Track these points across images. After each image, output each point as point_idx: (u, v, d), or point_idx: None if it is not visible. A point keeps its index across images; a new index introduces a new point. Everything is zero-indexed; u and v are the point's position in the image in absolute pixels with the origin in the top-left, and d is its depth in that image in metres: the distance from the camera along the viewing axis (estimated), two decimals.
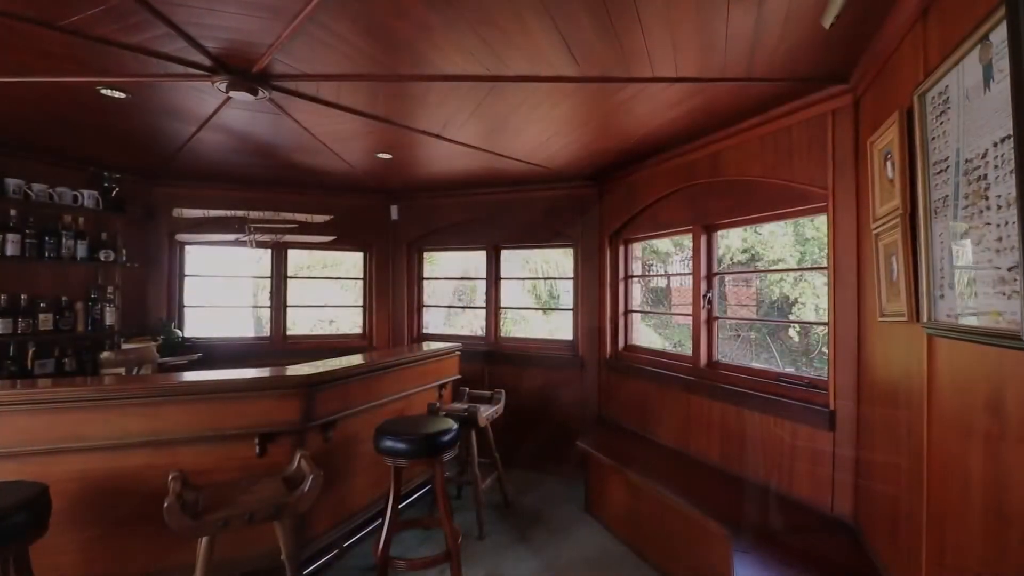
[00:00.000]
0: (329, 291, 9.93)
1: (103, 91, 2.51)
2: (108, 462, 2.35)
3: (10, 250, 3.45)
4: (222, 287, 6.68)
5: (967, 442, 1.33)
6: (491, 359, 4.71)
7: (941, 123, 1.42)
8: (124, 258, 4.15)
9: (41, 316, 3.65)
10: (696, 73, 2.25)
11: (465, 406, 3.47)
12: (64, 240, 3.76)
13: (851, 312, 2.31)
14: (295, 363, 3.10)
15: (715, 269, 3.26)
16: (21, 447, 2.21)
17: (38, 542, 1.89)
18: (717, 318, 3.24)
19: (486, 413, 3.45)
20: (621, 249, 4.14)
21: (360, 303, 5.33)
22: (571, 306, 4.53)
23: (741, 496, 2.68)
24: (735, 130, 2.87)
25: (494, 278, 4.90)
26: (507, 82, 2.34)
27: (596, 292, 4.28)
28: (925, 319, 1.52)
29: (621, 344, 4.14)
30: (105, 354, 3.67)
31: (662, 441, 3.48)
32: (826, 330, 2.47)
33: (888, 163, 1.83)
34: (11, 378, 3.47)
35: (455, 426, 2.74)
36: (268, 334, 5.02)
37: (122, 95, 2.57)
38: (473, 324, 9.26)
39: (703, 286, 3.24)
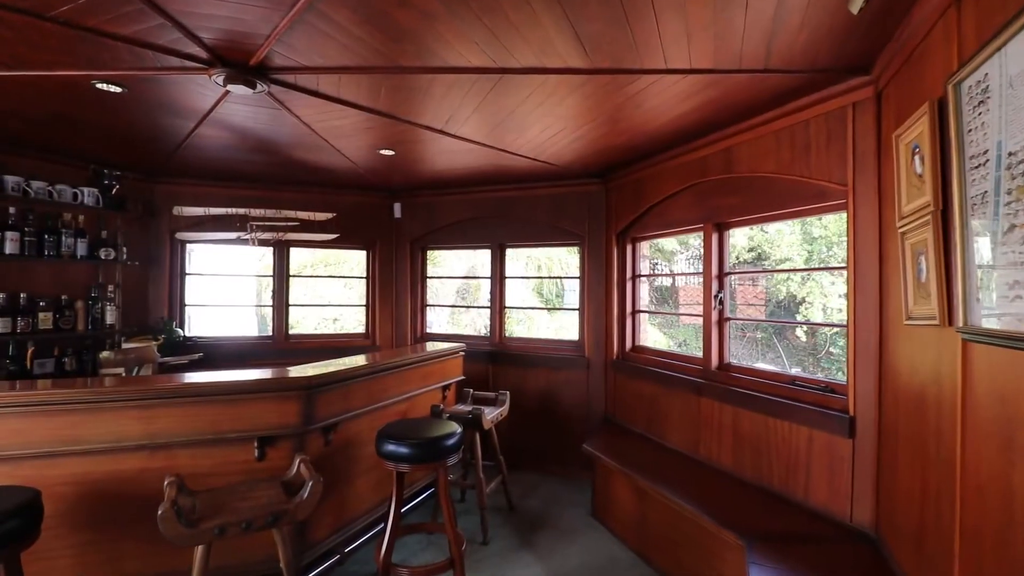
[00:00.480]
0: (333, 289, 9.89)
1: (98, 85, 2.44)
2: (104, 465, 2.30)
3: (9, 248, 3.40)
4: (227, 286, 6.65)
5: (1008, 455, 1.23)
6: (495, 359, 4.63)
7: (979, 114, 1.33)
8: (125, 256, 4.10)
9: (41, 315, 3.60)
10: (711, 64, 2.15)
11: (469, 408, 3.39)
12: (64, 238, 3.71)
13: (872, 314, 2.22)
14: (297, 363, 3.04)
15: (726, 268, 3.17)
16: (15, 450, 2.15)
17: (32, 547, 1.83)
18: (729, 319, 3.15)
19: (491, 415, 3.38)
20: (629, 248, 4.05)
21: (363, 302, 5.27)
22: (577, 305, 4.44)
23: (754, 503, 2.59)
24: (749, 124, 2.78)
25: (499, 277, 4.82)
26: (513, 74, 2.25)
27: (603, 291, 4.20)
28: (960, 323, 1.42)
29: (628, 344, 4.05)
30: (105, 354, 3.61)
31: (671, 445, 3.40)
32: (835, 331, 2.37)
33: (916, 158, 1.74)
34: (10, 378, 3.42)
35: (459, 430, 2.66)
36: (271, 333, 4.96)
37: (118, 89, 2.50)
38: (477, 323, 9.21)
39: (714, 286, 3.14)
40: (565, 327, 9.52)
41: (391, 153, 3.65)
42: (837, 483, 2.36)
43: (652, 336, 7.24)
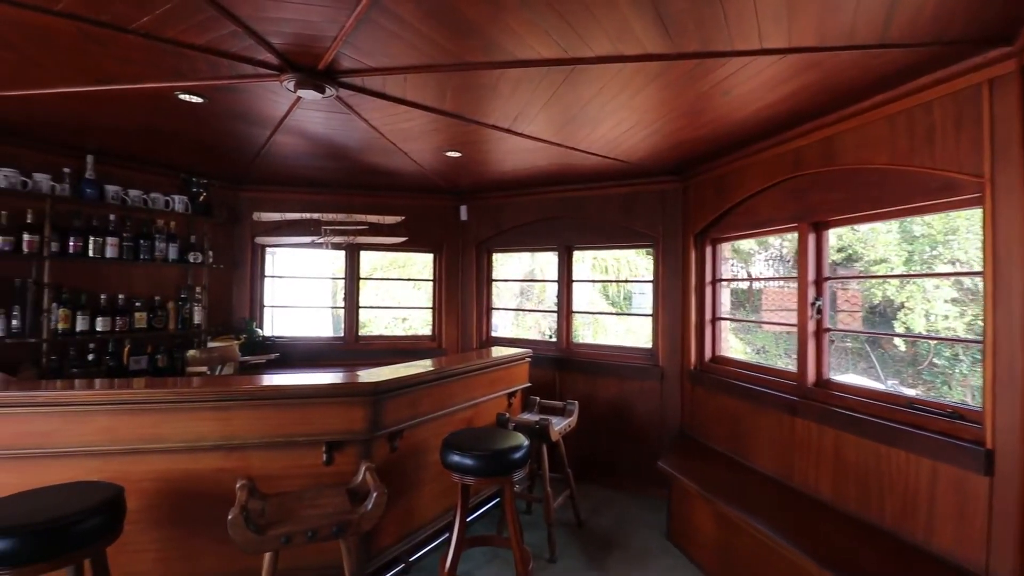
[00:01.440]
0: (403, 290, 10.12)
1: (181, 96, 2.54)
2: (184, 464, 2.37)
3: (109, 252, 3.66)
4: (305, 288, 6.95)
5: None
6: (562, 366, 4.47)
7: None
8: (211, 260, 4.32)
9: (136, 315, 3.86)
10: (815, 41, 1.89)
11: (537, 418, 3.25)
12: (157, 243, 3.95)
13: (1017, 329, 1.85)
14: (367, 364, 3.04)
15: (825, 273, 2.82)
16: (104, 446, 2.27)
17: (119, 540, 1.89)
18: (828, 330, 2.80)
19: (559, 426, 3.22)
20: (708, 250, 3.75)
21: (431, 304, 5.28)
22: (649, 311, 4.19)
23: (861, 542, 2.26)
24: (856, 109, 2.44)
25: (566, 280, 4.66)
26: (587, 65, 2.09)
27: (679, 296, 3.92)
28: None
29: (708, 354, 3.75)
30: (191, 352, 3.81)
31: (758, 467, 3.09)
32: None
33: None
34: (109, 373, 3.69)
35: (526, 443, 2.54)
36: (342, 334, 5.08)
37: (199, 99, 2.59)
38: (541, 324, 9.08)
39: (810, 293, 2.81)
40: (634, 330, 9.17)
41: (458, 155, 3.59)
42: (968, 527, 2.01)
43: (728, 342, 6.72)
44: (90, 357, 3.62)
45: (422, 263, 10.13)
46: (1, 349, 3.24)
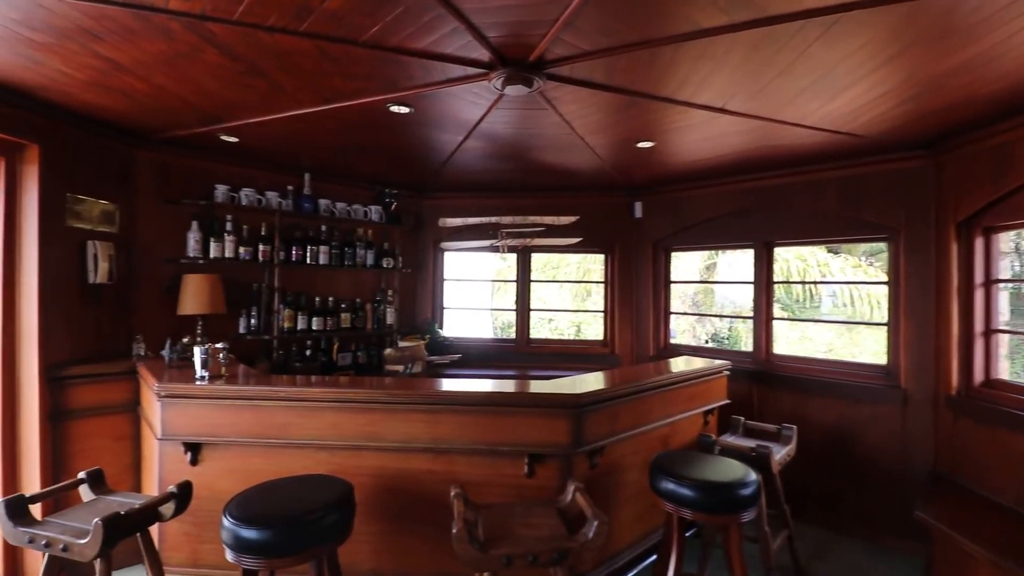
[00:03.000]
0: (547, 291, 10.05)
1: (392, 108, 2.63)
2: (396, 463, 2.45)
3: (322, 259, 4.06)
4: (469, 289, 7.20)
5: None
6: (761, 380, 3.90)
7: None
8: (400, 264, 4.61)
9: (342, 315, 4.24)
10: None
11: (753, 444, 2.81)
12: (357, 250, 4.31)
13: None
14: (540, 368, 2.90)
15: None
16: (330, 440, 2.42)
17: None
18: None
19: (779, 455, 2.74)
20: (979, 242, 2.93)
21: (601, 308, 5.05)
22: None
23: None
24: None
25: (764, 282, 4.06)
26: (861, 9, 1.65)
27: (931, 302, 3.13)
28: None
29: (977, 376, 2.92)
30: (388, 351, 4.07)
31: None
32: None
33: None
34: (322, 368, 4.09)
35: (754, 476, 2.15)
36: (513, 336, 5.09)
37: (407, 110, 2.67)
38: (696, 329, 8.32)
39: None
40: (809, 337, 7.99)
41: (649, 145, 3.29)
42: None
43: None
44: (307, 353, 4.05)
45: (575, 264, 9.97)
46: (243, 344, 3.75)
